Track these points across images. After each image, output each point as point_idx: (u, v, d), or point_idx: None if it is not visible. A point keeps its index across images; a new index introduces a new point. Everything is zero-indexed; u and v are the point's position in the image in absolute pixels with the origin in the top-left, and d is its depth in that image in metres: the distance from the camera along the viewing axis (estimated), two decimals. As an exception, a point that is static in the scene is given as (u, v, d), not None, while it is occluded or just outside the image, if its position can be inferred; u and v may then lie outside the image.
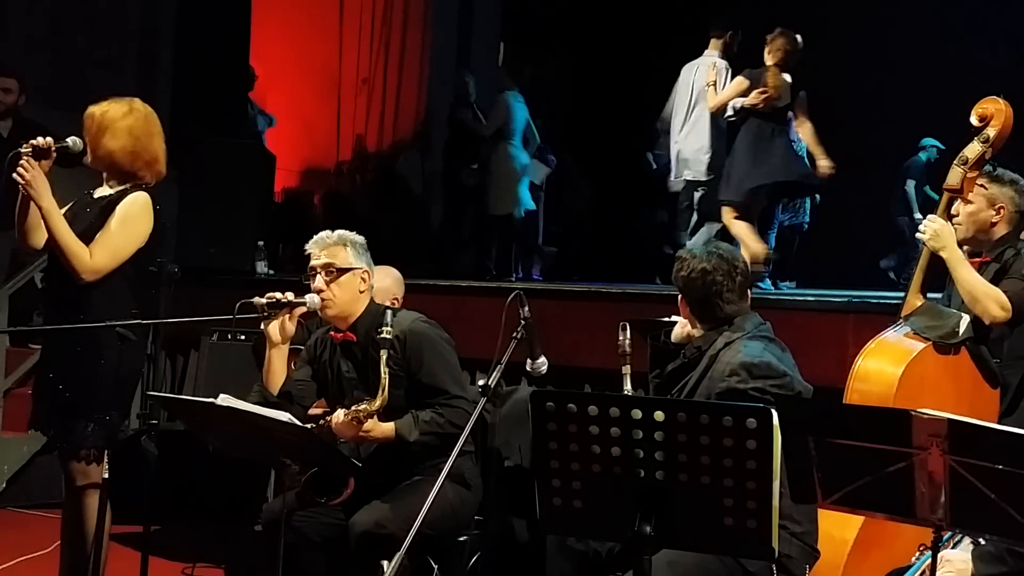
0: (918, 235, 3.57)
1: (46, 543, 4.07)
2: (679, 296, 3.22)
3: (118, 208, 3.56)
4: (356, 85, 10.10)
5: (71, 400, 3.55)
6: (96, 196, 3.67)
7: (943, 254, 3.52)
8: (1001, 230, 3.63)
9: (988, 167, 3.61)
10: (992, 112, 3.52)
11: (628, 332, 3.35)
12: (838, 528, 3.14)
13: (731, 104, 6.20)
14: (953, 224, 3.59)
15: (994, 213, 3.63)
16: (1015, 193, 3.66)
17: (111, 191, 3.65)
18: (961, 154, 3.53)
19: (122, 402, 3.60)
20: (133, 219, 3.55)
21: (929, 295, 3.62)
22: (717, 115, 6.35)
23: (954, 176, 3.52)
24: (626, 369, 3.34)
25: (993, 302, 3.43)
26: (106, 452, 3.53)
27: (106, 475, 3.50)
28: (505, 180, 7.99)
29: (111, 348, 3.48)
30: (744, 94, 6.06)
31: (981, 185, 3.59)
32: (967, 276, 3.50)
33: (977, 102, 3.58)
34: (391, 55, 10.25)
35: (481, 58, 10.50)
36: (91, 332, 3.49)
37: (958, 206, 3.60)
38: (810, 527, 3.04)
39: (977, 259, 3.64)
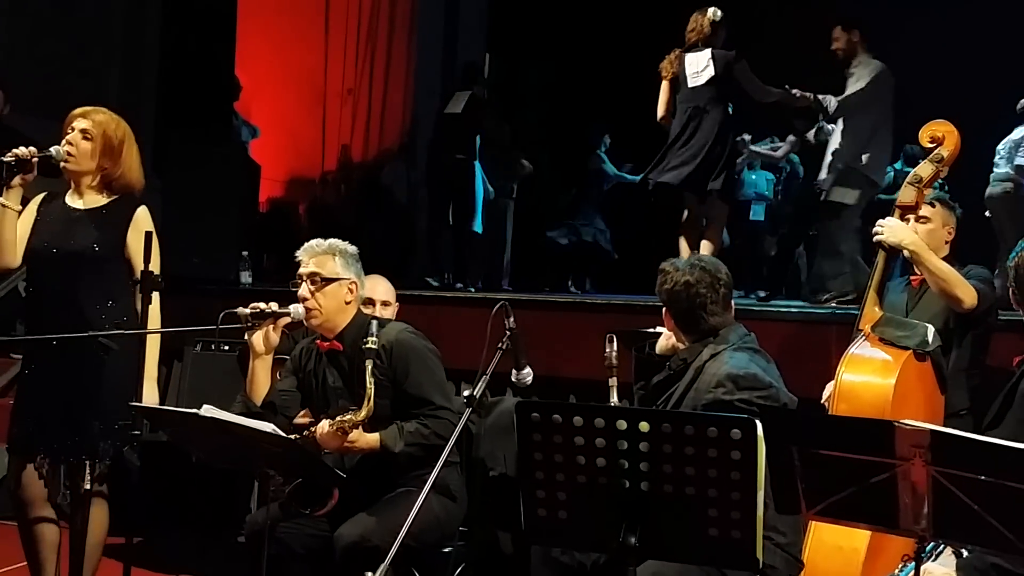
0: (876, 237, 3.63)
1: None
2: (663, 308, 3.23)
3: (141, 225, 3.59)
4: (341, 95, 10.10)
5: (62, 412, 3.53)
6: (84, 208, 3.65)
7: (909, 246, 3.62)
8: (945, 251, 3.85)
9: (938, 190, 3.84)
10: (943, 134, 3.68)
11: (615, 344, 3.36)
12: (845, 538, 3.14)
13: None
14: None
15: (947, 234, 3.87)
16: (955, 218, 3.92)
17: (104, 201, 3.65)
18: (914, 173, 3.69)
19: (108, 413, 3.58)
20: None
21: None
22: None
23: (908, 194, 3.67)
24: (613, 381, 3.35)
25: (967, 289, 3.59)
26: (87, 464, 3.52)
27: (88, 486, 3.48)
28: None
29: (98, 358, 3.47)
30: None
31: (929, 204, 3.80)
32: (939, 264, 3.63)
33: (925, 124, 3.73)
34: (376, 65, 10.26)
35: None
36: (82, 341, 3.46)
37: (915, 224, 3.76)
38: (795, 538, 3.05)
39: (917, 277, 3.83)
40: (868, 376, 3.39)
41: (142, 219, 3.64)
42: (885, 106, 6.08)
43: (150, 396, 3.54)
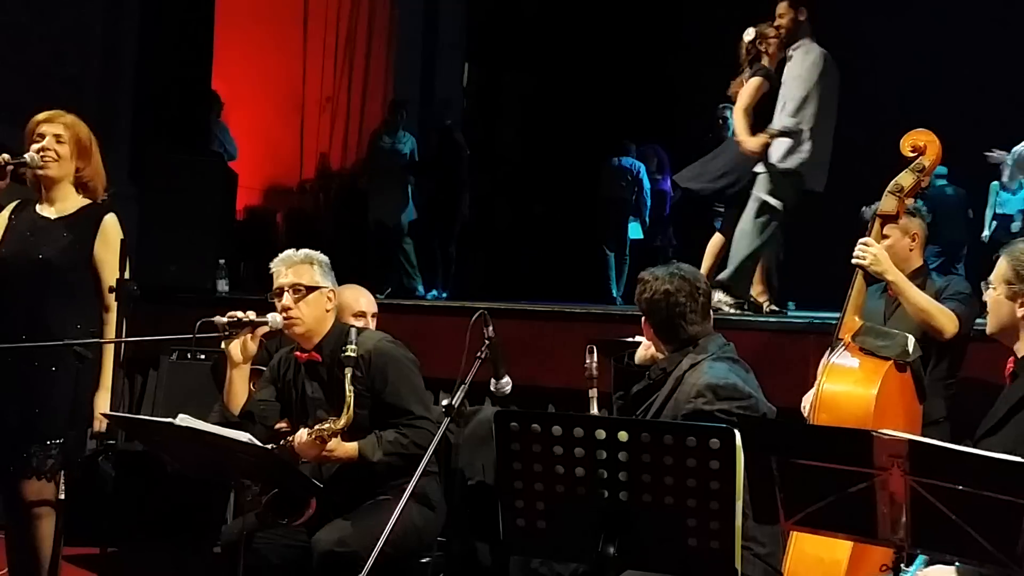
0: (854, 260, 3.65)
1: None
2: (643, 318, 3.23)
3: (108, 233, 3.55)
4: (320, 104, 10.08)
5: (28, 421, 3.49)
6: (53, 216, 3.62)
7: (888, 277, 3.65)
8: (916, 259, 3.89)
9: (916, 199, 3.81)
10: (925, 143, 3.67)
11: (595, 355, 3.36)
12: (826, 550, 3.13)
13: None
14: None
15: (910, 241, 3.90)
16: (921, 220, 3.93)
17: (73, 208, 3.62)
18: (895, 182, 3.67)
19: (80, 423, 3.55)
20: (117, 240, 3.54)
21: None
22: None
23: (889, 203, 3.66)
24: (593, 392, 3.35)
25: (947, 318, 3.65)
26: (62, 473, 3.48)
27: (62, 496, 3.44)
28: None
29: (70, 367, 3.44)
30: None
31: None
32: (918, 296, 3.68)
33: (906, 133, 3.71)
34: (355, 74, 10.25)
35: (445, 78, 10.53)
36: (50, 350, 3.43)
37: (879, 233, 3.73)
38: (774, 548, 3.05)
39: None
40: (850, 386, 3.38)
41: (110, 227, 3.60)
42: (829, 101, 5.44)
43: (103, 406, 3.51)
